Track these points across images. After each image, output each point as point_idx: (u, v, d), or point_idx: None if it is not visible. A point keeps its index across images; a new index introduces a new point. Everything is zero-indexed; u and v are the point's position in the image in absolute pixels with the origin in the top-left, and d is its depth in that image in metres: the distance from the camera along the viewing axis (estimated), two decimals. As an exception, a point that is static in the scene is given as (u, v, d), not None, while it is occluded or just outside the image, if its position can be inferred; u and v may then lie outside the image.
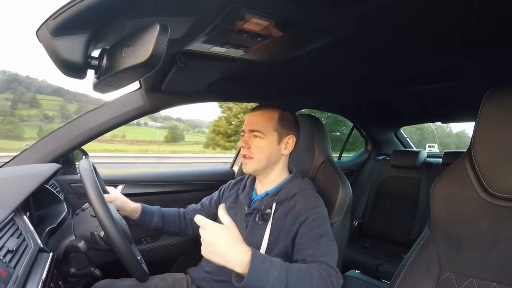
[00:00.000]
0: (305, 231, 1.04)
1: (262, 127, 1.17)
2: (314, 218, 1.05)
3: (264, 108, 1.22)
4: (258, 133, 1.17)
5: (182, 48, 1.00)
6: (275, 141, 1.18)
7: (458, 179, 1.01)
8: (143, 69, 0.64)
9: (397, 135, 3.17)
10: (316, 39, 0.97)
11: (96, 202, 0.90)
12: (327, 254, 0.98)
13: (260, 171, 1.20)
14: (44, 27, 0.64)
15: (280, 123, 1.19)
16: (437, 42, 1.02)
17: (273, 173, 1.22)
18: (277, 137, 1.18)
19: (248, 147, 1.18)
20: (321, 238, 1.01)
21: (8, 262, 0.73)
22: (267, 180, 1.23)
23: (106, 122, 1.44)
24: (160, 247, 1.72)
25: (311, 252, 0.98)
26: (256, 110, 1.23)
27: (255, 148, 1.17)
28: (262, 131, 1.17)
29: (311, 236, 1.02)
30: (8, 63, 77.05)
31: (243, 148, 1.19)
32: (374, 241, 2.59)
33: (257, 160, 1.17)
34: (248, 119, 1.22)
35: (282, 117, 1.20)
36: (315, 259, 0.96)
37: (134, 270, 0.95)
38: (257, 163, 1.17)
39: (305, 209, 1.08)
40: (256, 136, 1.17)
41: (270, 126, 1.17)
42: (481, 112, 0.94)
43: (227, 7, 0.72)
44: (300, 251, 1.01)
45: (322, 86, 1.75)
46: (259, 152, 1.17)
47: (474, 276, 0.91)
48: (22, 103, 20.07)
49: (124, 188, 1.65)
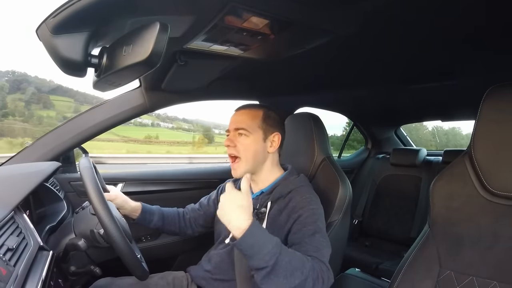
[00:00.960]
0: (299, 227, 1.04)
1: (247, 125, 1.16)
2: (308, 214, 1.05)
3: (248, 107, 1.22)
4: (243, 130, 1.16)
5: (182, 46, 1.00)
6: (260, 138, 1.17)
7: (458, 177, 1.01)
8: (143, 67, 0.64)
9: (397, 134, 3.17)
10: (316, 38, 0.97)
11: (96, 200, 0.91)
12: (320, 250, 0.99)
13: (251, 171, 1.19)
14: (44, 25, 0.64)
15: (265, 121, 1.18)
16: (437, 41, 1.02)
17: (262, 172, 1.21)
18: (262, 134, 1.17)
19: (234, 146, 1.16)
20: (314, 235, 1.01)
21: (8, 260, 0.73)
22: (259, 179, 1.22)
23: (106, 120, 1.44)
24: (160, 245, 1.72)
25: (304, 249, 0.98)
26: (241, 109, 1.22)
27: (240, 147, 1.16)
28: (247, 128, 1.16)
29: (304, 233, 1.02)
30: (15, 63, 76.47)
31: (229, 148, 1.17)
32: (374, 239, 2.59)
33: (244, 159, 1.16)
34: (233, 118, 1.21)
35: (266, 115, 1.19)
36: (309, 254, 0.96)
37: (134, 269, 0.95)
38: (244, 164, 1.16)
39: (299, 205, 1.08)
40: (241, 134, 1.16)
41: (255, 124, 1.17)
42: (481, 110, 0.95)
43: (227, 5, 0.72)
44: (293, 247, 1.01)
45: (322, 85, 1.75)
46: (245, 150, 1.16)
47: (474, 274, 0.91)
48: (35, 104, 19.95)
49: (124, 186, 1.64)
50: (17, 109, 18.67)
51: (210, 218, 1.37)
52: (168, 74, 1.25)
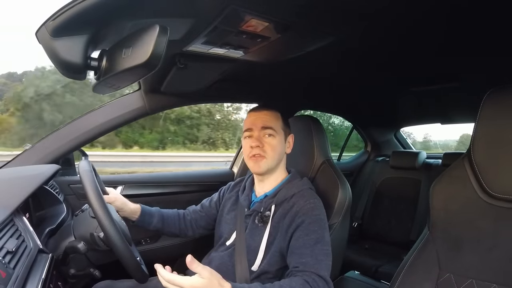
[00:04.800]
0: (301, 235, 1.04)
1: (275, 125, 1.17)
2: (310, 221, 1.06)
3: (268, 107, 1.22)
4: (271, 130, 1.16)
5: (181, 49, 1.00)
6: (283, 139, 1.19)
7: (457, 180, 1.01)
8: (142, 70, 0.64)
9: (396, 136, 3.17)
10: (316, 40, 0.98)
11: (96, 203, 0.90)
12: (320, 262, 1.00)
13: (270, 170, 1.19)
14: (44, 28, 0.64)
15: (284, 122, 1.21)
16: (437, 44, 1.02)
17: (277, 172, 1.22)
18: (284, 135, 1.20)
19: (262, 146, 1.15)
20: (316, 245, 1.02)
21: (7, 263, 0.73)
22: (269, 180, 1.22)
23: (106, 123, 1.44)
24: (160, 248, 1.72)
25: (304, 261, 0.99)
26: (262, 109, 1.21)
27: (268, 147, 1.16)
28: (275, 128, 1.17)
29: (305, 242, 1.02)
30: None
31: (256, 148, 1.15)
32: (374, 242, 2.58)
33: (270, 159, 1.16)
34: (258, 117, 1.19)
35: (282, 117, 1.22)
36: (307, 268, 0.98)
37: (134, 271, 0.95)
38: (270, 162, 1.16)
39: (302, 211, 1.08)
40: (269, 134, 1.16)
41: (279, 124, 1.19)
42: (481, 113, 0.95)
43: (226, 8, 0.73)
44: (294, 256, 1.02)
45: (322, 87, 1.75)
46: (272, 150, 1.16)
47: (474, 277, 0.91)
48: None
49: (123, 189, 1.64)
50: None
51: (212, 220, 1.37)
52: (168, 77, 1.25)
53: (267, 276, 1.11)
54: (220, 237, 1.27)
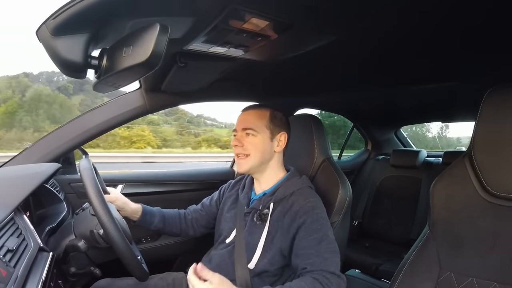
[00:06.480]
0: (304, 235, 1.04)
1: (255, 125, 1.18)
2: (312, 220, 1.06)
3: (255, 107, 1.24)
4: (251, 130, 1.17)
5: (182, 48, 1.00)
6: (267, 138, 1.19)
7: (458, 178, 1.01)
8: (143, 69, 0.64)
9: (397, 135, 3.17)
10: (316, 39, 0.97)
11: (96, 200, 0.91)
12: (327, 259, 1.00)
13: (254, 169, 1.20)
14: (44, 26, 0.64)
15: (271, 121, 1.20)
16: (437, 43, 1.02)
17: (268, 171, 1.22)
18: (269, 134, 1.19)
19: (241, 145, 1.18)
20: (321, 243, 1.02)
21: (8, 261, 0.73)
22: (263, 179, 1.23)
23: (106, 121, 1.44)
24: (160, 246, 1.72)
25: (311, 261, 1.00)
26: (248, 109, 1.24)
27: (248, 145, 1.17)
28: (255, 128, 1.17)
29: (310, 242, 1.03)
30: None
31: (236, 147, 1.19)
32: (374, 240, 2.58)
33: (253, 157, 1.17)
34: (240, 118, 1.22)
35: (273, 115, 1.21)
36: (315, 267, 0.98)
37: (134, 270, 0.95)
38: (253, 160, 1.17)
39: (302, 210, 1.08)
40: (248, 134, 1.18)
41: (262, 124, 1.18)
42: (481, 111, 0.94)
43: (227, 7, 0.72)
44: (300, 257, 1.03)
45: (322, 86, 1.75)
46: (253, 149, 1.17)
47: (474, 276, 0.91)
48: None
49: (124, 187, 1.64)
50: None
51: (212, 218, 1.37)
52: (168, 76, 1.25)
53: (267, 274, 1.11)
54: (220, 235, 1.27)
